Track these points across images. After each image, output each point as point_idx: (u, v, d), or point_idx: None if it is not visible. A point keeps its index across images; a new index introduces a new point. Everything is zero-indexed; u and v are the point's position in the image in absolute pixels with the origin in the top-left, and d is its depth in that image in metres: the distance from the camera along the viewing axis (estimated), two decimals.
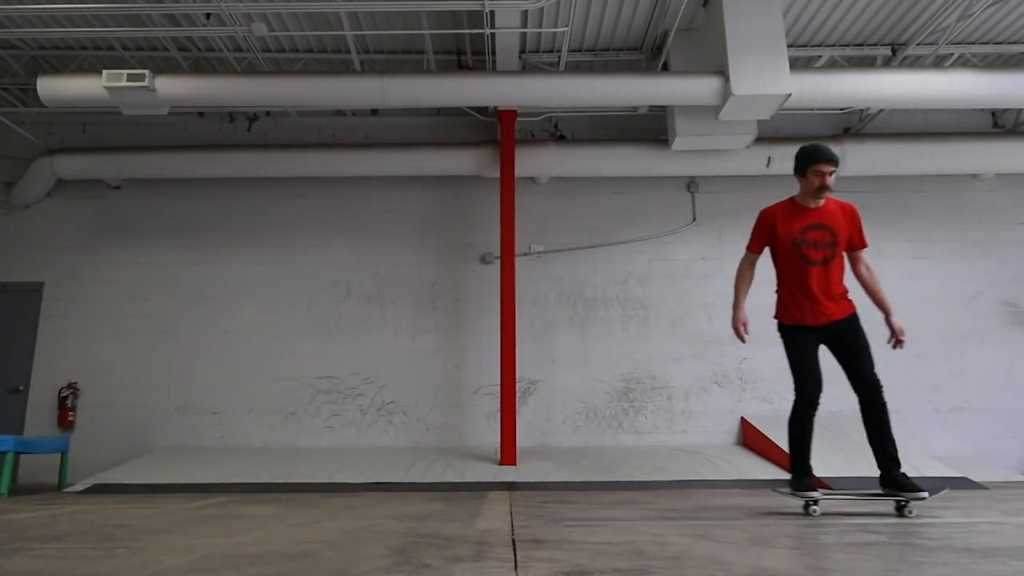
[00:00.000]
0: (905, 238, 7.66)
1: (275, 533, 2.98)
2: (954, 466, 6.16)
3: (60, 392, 7.20)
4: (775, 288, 3.79)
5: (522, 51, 7.18)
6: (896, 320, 3.63)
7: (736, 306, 3.76)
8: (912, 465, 5.86)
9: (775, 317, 3.76)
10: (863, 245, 3.65)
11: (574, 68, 7.46)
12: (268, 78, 6.22)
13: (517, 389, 6.73)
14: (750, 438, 6.92)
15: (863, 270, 3.70)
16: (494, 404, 7.11)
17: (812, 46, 7.23)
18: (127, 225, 7.72)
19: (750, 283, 3.88)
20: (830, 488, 4.26)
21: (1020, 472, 6.97)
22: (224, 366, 7.36)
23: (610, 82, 6.25)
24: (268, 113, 8.03)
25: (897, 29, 6.93)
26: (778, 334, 3.72)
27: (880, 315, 3.73)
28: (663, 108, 7.53)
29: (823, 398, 3.63)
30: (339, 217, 7.73)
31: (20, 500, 5.09)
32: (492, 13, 6.01)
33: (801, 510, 3.58)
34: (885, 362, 7.23)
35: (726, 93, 6.11)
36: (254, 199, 7.77)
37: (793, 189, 8.14)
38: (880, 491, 3.50)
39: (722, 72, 6.14)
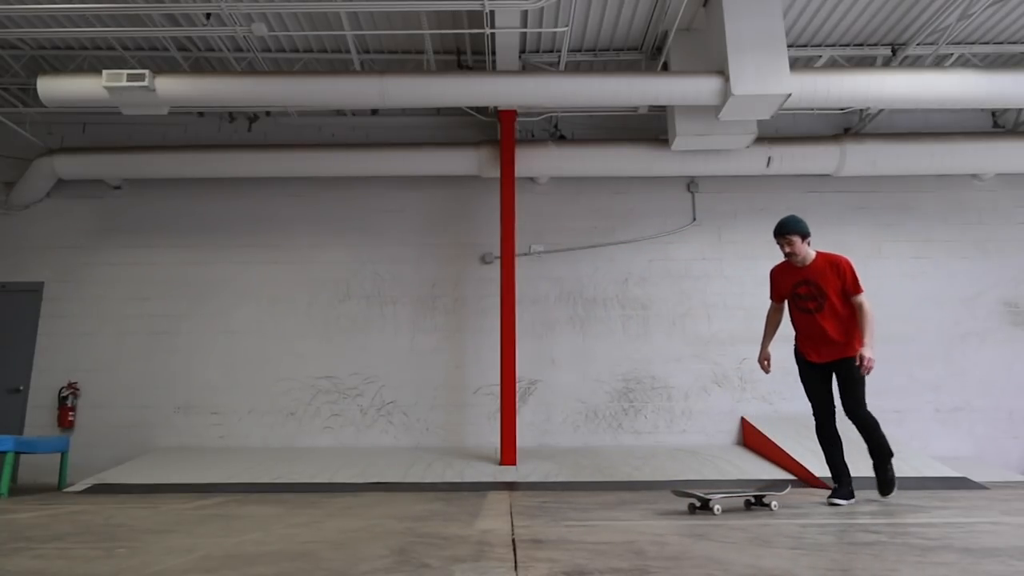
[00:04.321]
0: (905, 238, 7.66)
1: (275, 533, 2.98)
2: (954, 466, 6.16)
3: (60, 392, 7.20)
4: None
5: (522, 51, 7.18)
6: (865, 351, 4.06)
7: (763, 344, 4.54)
8: (912, 465, 5.86)
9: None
10: (854, 292, 4.20)
11: (574, 68, 7.47)
12: (268, 78, 6.22)
13: (517, 389, 6.73)
14: (750, 438, 6.92)
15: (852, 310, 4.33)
16: (494, 404, 7.12)
17: (812, 46, 7.23)
18: (127, 225, 7.72)
19: (776, 326, 4.59)
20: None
21: (1020, 472, 6.97)
22: (224, 366, 7.36)
23: (610, 82, 6.25)
24: (268, 113, 8.03)
25: (897, 29, 6.93)
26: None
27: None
28: (663, 108, 7.53)
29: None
30: (339, 217, 7.73)
31: (20, 500, 5.09)
32: (492, 13, 6.01)
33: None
34: (885, 362, 7.32)
35: (726, 93, 6.11)
36: (254, 199, 7.77)
37: (794, 190, 8.15)
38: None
39: (722, 72, 6.14)
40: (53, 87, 6.07)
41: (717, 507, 3.47)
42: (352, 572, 2.00)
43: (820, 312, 4.20)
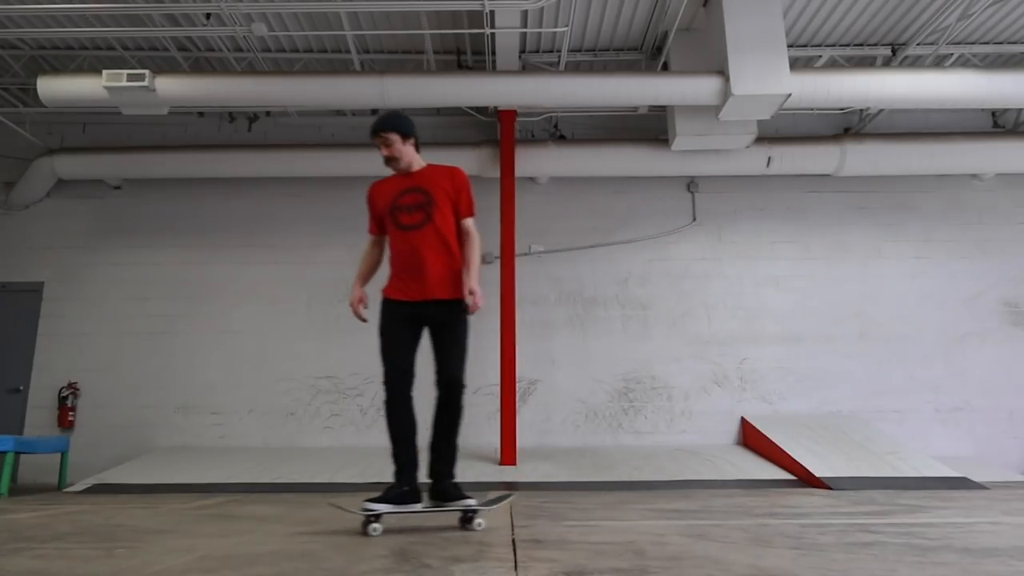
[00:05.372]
0: (905, 238, 7.66)
1: (275, 533, 2.98)
2: (954, 466, 6.15)
3: (60, 392, 7.19)
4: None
5: (522, 51, 7.18)
6: (472, 283, 3.16)
7: (354, 284, 3.47)
8: (912, 465, 5.86)
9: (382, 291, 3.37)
10: (467, 213, 3.36)
11: (574, 68, 7.46)
12: (268, 78, 6.22)
13: (517, 389, 6.73)
14: (750, 438, 6.91)
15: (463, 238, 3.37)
16: (494, 404, 7.11)
17: (812, 46, 7.22)
18: (127, 225, 7.72)
19: (374, 266, 3.58)
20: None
21: (1020, 472, 6.96)
22: (224, 366, 7.35)
23: (610, 82, 6.25)
24: (268, 113, 8.02)
25: (897, 29, 6.93)
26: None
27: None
28: (663, 108, 7.53)
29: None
30: (338, 217, 7.72)
31: (20, 500, 5.08)
32: (492, 13, 6.01)
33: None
34: (885, 362, 7.31)
35: (726, 93, 6.11)
36: (254, 199, 7.77)
37: (794, 189, 8.15)
38: (432, 504, 3.20)
39: (722, 72, 6.14)
40: (53, 87, 6.07)
41: (374, 527, 2.87)
42: (352, 572, 2.00)
43: (422, 229, 3.23)
